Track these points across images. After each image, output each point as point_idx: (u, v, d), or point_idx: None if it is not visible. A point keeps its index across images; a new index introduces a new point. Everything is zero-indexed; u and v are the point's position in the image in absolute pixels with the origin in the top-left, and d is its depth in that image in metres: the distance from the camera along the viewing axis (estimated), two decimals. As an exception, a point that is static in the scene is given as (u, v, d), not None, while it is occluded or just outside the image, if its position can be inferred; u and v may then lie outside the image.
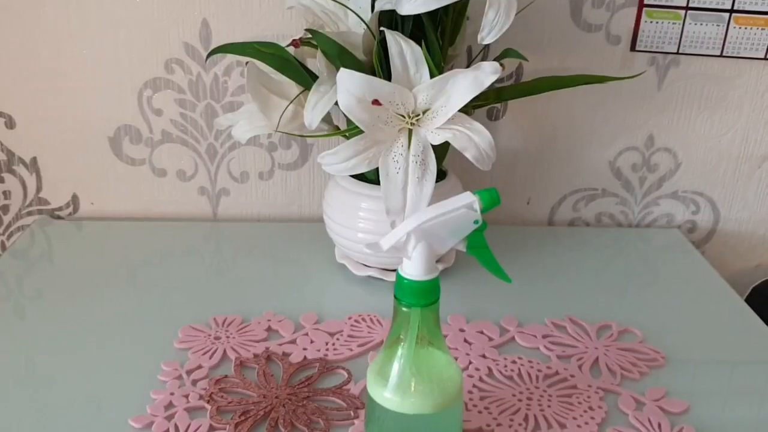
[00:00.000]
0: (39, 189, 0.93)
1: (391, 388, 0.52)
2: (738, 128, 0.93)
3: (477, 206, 0.50)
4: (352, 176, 0.79)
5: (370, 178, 0.78)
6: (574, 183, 0.96)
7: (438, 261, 0.81)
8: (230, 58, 0.87)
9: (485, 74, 0.67)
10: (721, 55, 0.90)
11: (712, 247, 1.00)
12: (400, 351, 0.52)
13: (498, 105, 0.91)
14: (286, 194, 0.95)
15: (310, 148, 0.92)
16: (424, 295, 0.50)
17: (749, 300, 0.91)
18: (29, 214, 0.95)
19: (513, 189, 0.96)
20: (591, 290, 0.82)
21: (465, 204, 0.49)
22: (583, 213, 0.97)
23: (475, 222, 0.50)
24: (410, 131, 0.70)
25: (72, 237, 0.91)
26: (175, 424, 0.58)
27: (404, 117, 0.69)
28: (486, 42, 0.67)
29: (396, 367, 0.52)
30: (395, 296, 0.51)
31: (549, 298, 0.79)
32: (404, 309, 0.51)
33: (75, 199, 0.94)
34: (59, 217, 0.95)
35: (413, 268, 0.50)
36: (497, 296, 0.79)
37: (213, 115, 0.89)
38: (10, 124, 0.89)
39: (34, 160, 0.92)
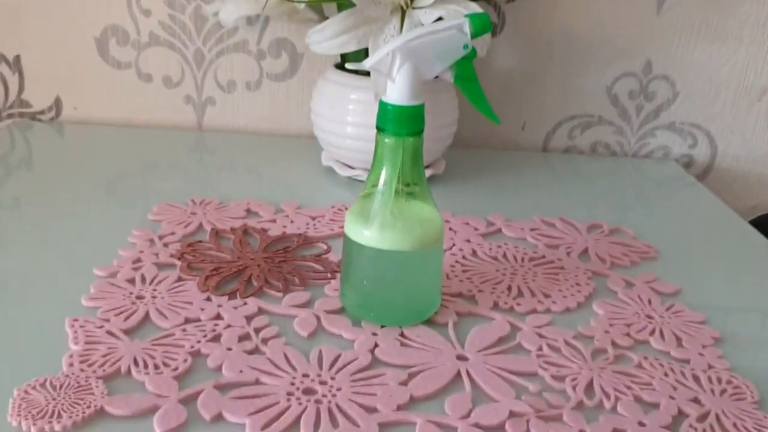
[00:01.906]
0: (21, 90, 0.91)
1: (370, 224, 0.49)
2: (738, 58, 0.91)
3: (467, 29, 0.47)
4: (341, 70, 0.77)
5: (361, 70, 0.76)
6: (570, 109, 0.94)
7: (428, 167, 0.79)
8: (223, -43, 0.85)
9: (482, -53, 0.65)
10: (723, -20, 0.88)
11: (708, 185, 0.97)
12: (381, 186, 0.49)
13: (495, 20, 0.89)
14: (274, 107, 0.92)
15: (300, 58, 0.90)
16: (407, 123, 0.48)
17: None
18: (9, 116, 0.92)
19: (508, 112, 0.94)
20: (584, 202, 0.79)
21: (455, 25, 0.47)
22: (578, 141, 0.95)
23: (465, 47, 0.48)
24: (403, 13, 0.68)
25: (53, 142, 0.88)
26: (142, 275, 0.55)
27: (397, -5, 0.67)
28: None
29: (376, 203, 0.49)
30: (377, 127, 0.49)
31: (540, 205, 0.76)
32: (386, 140, 0.48)
33: (58, 102, 0.91)
34: (40, 121, 0.92)
35: (397, 92, 0.47)
36: (486, 202, 0.76)
37: (202, 18, 0.87)
38: (-6, 18, 0.87)
39: (17, 58, 0.89)
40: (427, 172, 0.78)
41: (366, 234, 0.49)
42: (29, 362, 0.45)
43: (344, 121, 0.75)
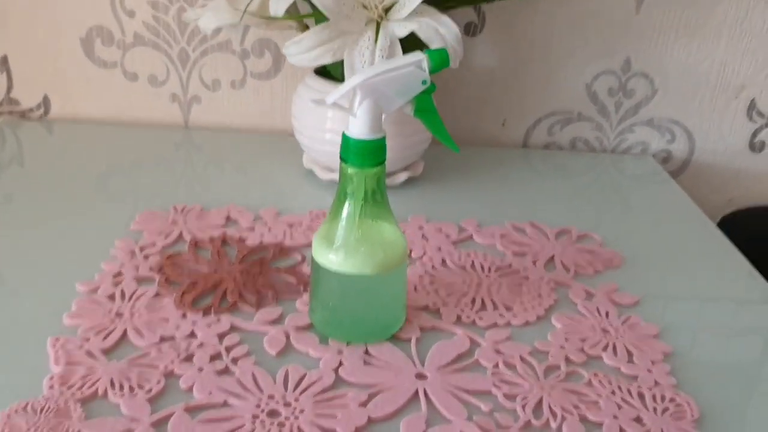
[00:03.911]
0: (10, 89, 0.93)
1: (335, 249, 0.51)
2: (716, 56, 0.93)
3: (425, 65, 0.49)
4: (321, 76, 0.79)
5: (339, 78, 0.77)
6: (550, 105, 0.95)
7: (405, 169, 0.81)
8: (205, -41, 0.86)
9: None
10: (701, -21, 0.89)
11: (685, 179, 0.99)
12: (345, 213, 0.51)
13: (476, 20, 0.90)
14: (258, 105, 0.94)
15: (283, 57, 0.91)
16: (368, 156, 0.50)
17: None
18: (-1, 114, 0.94)
19: (488, 109, 0.95)
20: (561, 199, 0.81)
21: (413, 62, 0.49)
22: (558, 137, 0.97)
23: (423, 82, 0.50)
24: (378, 25, 0.70)
25: (43, 140, 0.91)
26: (122, 290, 0.58)
27: (370, 8, 0.68)
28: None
29: (341, 228, 0.52)
30: (341, 157, 0.51)
31: (517, 203, 0.78)
32: (350, 171, 0.51)
33: (46, 100, 0.93)
34: (29, 119, 0.94)
35: (358, 127, 0.49)
36: (464, 201, 0.78)
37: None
38: (-18, 19, 0.89)
39: (5, 58, 0.91)
40: (405, 175, 0.80)
41: (331, 258, 0.52)
42: (12, 381, 0.48)
43: (323, 128, 0.77)
